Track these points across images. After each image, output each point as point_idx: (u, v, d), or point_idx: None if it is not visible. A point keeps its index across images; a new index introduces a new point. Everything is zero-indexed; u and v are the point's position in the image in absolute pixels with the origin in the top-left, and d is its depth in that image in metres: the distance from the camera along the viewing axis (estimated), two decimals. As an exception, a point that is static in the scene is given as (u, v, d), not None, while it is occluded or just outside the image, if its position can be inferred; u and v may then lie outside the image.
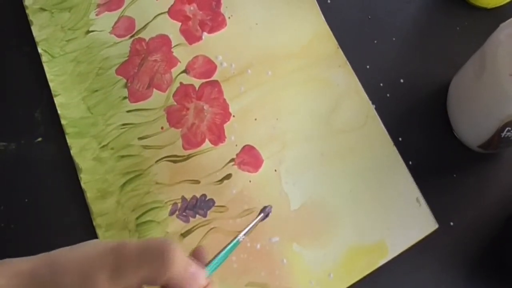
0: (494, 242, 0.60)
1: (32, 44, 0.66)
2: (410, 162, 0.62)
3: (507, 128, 0.54)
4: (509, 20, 0.52)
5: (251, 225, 0.52)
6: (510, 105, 0.52)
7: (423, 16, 0.69)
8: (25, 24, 0.66)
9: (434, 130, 0.64)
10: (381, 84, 0.65)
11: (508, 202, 0.61)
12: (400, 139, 0.63)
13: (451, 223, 0.60)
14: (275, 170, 0.61)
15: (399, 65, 0.66)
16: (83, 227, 0.59)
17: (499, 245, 0.60)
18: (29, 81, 0.65)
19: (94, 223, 0.59)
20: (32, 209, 0.60)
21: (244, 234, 0.51)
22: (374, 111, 0.63)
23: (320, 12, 0.67)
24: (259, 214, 0.55)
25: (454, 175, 0.62)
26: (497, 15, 0.67)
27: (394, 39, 0.68)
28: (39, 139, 0.62)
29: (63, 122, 0.62)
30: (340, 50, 0.65)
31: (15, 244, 0.59)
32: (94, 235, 0.59)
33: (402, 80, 0.65)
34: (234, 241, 0.49)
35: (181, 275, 0.37)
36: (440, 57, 0.66)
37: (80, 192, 0.60)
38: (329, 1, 0.69)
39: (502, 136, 0.56)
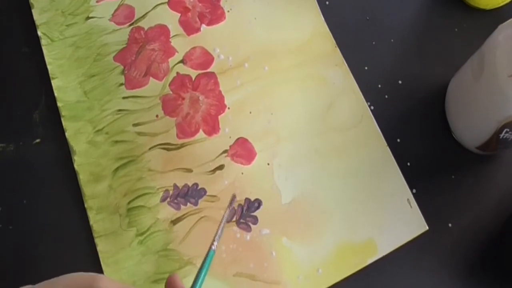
0: (493, 243, 0.60)
1: (31, 45, 0.65)
2: (408, 163, 0.62)
3: (505, 130, 0.55)
4: (508, 21, 0.53)
5: (221, 229, 0.53)
6: (509, 107, 0.52)
7: (421, 18, 0.69)
8: (24, 25, 0.66)
9: (432, 131, 0.64)
10: (379, 85, 0.65)
11: (507, 204, 0.61)
12: (398, 140, 0.63)
13: (449, 225, 0.60)
14: (268, 164, 0.61)
15: (397, 67, 0.67)
16: (82, 228, 0.59)
17: (497, 247, 0.60)
18: (28, 82, 0.64)
19: (86, 205, 0.59)
20: (31, 210, 0.59)
21: (217, 241, 0.51)
22: (369, 111, 0.63)
23: (320, 11, 0.68)
24: (228, 206, 0.56)
25: (452, 177, 0.62)
26: (495, 16, 0.67)
27: (392, 40, 0.68)
28: (38, 140, 0.62)
29: (59, 104, 0.63)
30: (337, 49, 0.66)
31: (13, 245, 0.58)
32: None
33: (400, 82, 0.66)
34: (210, 254, 0.50)
35: None
36: (438, 59, 0.67)
37: (78, 193, 0.60)
38: (327, 2, 0.69)
39: (501, 137, 0.56)
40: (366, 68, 0.66)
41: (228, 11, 0.67)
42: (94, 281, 0.38)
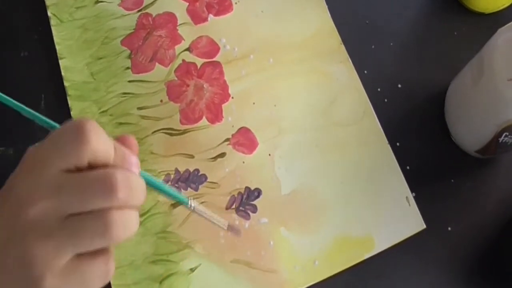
0: (492, 247, 0.60)
1: (30, 49, 0.66)
2: (408, 167, 0.62)
3: (504, 133, 0.55)
4: (507, 25, 0.53)
5: (209, 216, 0.47)
6: (508, 110, 0.52)
7: (420, 21, 0.70)
8: (23, 28, 0.67)
9: (431, 135, 0.64)
10: (379, 89, 0.65)
11: (506, 208, 0.61)
12: (398, 144, 0.63)
13: (449, 228, 0.60)
14: (269, 155, 0.62)
15: (397, 70, 0.67)
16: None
17: (497, 250, 0.60)
18: (27, 86, 0.64)
19: (88, 183, 0.59)
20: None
21: (194, 207, 0.45)
22: (372, 108, 0.64)
23: (326, 8, 0.68)
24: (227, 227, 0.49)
25: (452, 180, 0.62)
26: (495, 20, 0.67)
27: (391, 44, 0.68)
28: (37, 144, 0.62)
29: (66, 84, 0.63)
30: (342, 46, 0.66)
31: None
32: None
33: (400, 85, 0.66)
34: (182, 197, 0.44)
35: (103, 152, 0.36)
36: (438, 62, 0.67)
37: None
38: (327, 6, 0.69)
39: (500, 141, 0.56)
40: (365, 72, 0.66)
41: (236, 3, 0.68)
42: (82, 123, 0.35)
